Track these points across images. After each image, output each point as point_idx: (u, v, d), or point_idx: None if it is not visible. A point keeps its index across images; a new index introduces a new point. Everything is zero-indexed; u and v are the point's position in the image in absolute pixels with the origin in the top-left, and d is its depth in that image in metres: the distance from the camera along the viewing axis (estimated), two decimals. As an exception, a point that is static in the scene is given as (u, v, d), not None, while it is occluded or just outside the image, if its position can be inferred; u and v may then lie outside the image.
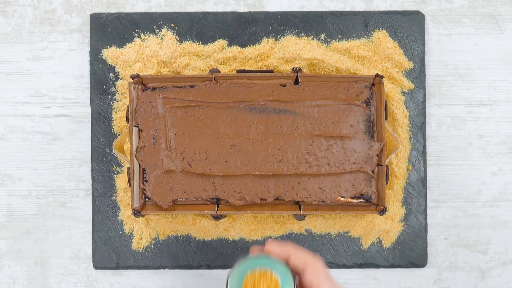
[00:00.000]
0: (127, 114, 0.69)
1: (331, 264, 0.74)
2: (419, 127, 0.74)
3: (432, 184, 0.76)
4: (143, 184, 0.69)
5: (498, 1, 0.76)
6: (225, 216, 0.74)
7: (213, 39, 0.75)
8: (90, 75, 0.75)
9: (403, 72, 0.74)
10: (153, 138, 0.69)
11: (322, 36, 0.75)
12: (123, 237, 0.75)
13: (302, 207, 0.69)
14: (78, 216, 0.76)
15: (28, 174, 0.76)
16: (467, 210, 0.75)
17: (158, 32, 0.75)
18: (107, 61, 0.75)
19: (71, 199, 0.76)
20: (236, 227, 0.74)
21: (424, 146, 0.74)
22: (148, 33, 0.75)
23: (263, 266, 0.53)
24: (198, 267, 0.75)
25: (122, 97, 0.75)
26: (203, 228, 0.74)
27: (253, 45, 0.75)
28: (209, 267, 0.75)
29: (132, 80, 0.69)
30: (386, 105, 0.70)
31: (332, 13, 0.75)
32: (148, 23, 0.75)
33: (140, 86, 0.69)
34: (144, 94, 0.69)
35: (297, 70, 0.70)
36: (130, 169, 0.69)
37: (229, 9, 0.76)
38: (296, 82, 0.70)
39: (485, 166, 0.76)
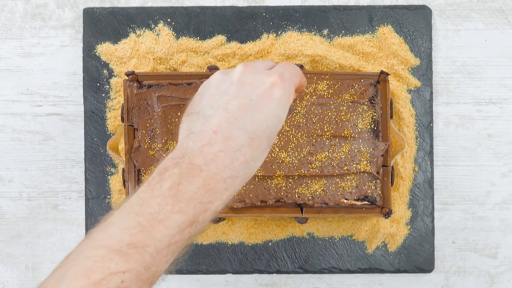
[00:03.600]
0: (122, 112, 0.69)
1: (335, 269, 0.74)
2: (425, 126, 0.74)
3: (440, 186, 0.75)
4: (139, 186, 0.67)
5: (508, -5, 0.76)
6: (224, 219, 0.73)
7: (211, 34, 0.74)
8: (83, 72, 0.75)
9: (409, 69, 0.74)
10: (149, 138, 0.69)
11: (325, 32, 0.74)
12: (117, 241, 0.73)
13: (304, 210, 0.69)
14: (71, 219, 0.75)
15: (18, 175, 0.75)
16: (475, 212, 0.75)
17: (154, 27, 0.75)
18: (101, 57, 0.74)
19: (64, 201, 0.75)
20: (235, 231, 0.74)
21: (431, 146, 0.74)
22: (143, 29, 0.75)
23: None
24: (196, 272, 0.74)
25: (117, 95, 0.74)
26: None
27: (253, 41, 0.74)
28: (207, 272, 0.74)
29: (127, 78, 0.68)
30: (391, 103, 0.69)
31: (335, 7, 0.75)
32: (143, 18, 0.74)
33: (135, 84, 0.69)
34: (140, 92, 0.69)
35: (298, 67, 0.68)
36: (125, 170, 0.68)
37: (227, 3, 0.76)
38: None
39: (495, 167, 0.75)
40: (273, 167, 0.68)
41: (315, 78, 0.69)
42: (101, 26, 0.74)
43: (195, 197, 0.41)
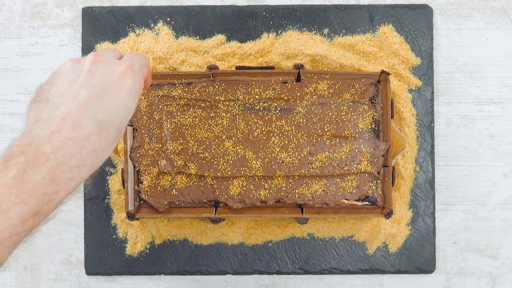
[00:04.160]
0: None
1: (335, 270, 0.73)
2: (426, 126, 0.73)
3: (441, 186, 0.75)
4: (138, 186, 0.68)
5: (510, -6, 0.76)
6: (224, 219, 0.73)
7: (211, 34, 0.74)
8: None
9: (410, 68, 0.74)
10: (148, 138, 0.68)
11: (325, 31, 0.74)
12: (116, 241, 0.73)
13: (304, 210, 0.68)
14: (70, 219, 0.75)
15: (17, 175, 0.74)
16: (477, 213, 0.74)
17: (154, 26, 0.74)
18: None
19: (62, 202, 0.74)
20: (235, 231, 0.73)
21: (432, 146, 0.73)
22: (143, 28, 0.74)
23: None
24: (195, 273, 0.74)
25: None
26: (201, 232, 0.74)
27: (253, 40, 0.74)
28: (206, 272, 0.74)
29: None
30: (392, 103, 0.69)
31: (335, 6, 0.74)
32: (143, 17, 0.74)
33: None
34: None
35: (299, 67, 0.69)
36: (124, 170, 0.68)
37: (227, 2, 0.76)
38: (298, 79, 0.69)
39: (496, 167, 0.75)
40: (273, 167, 0.67)
41: (315, 77, 0.68)
42: (100, 26, 0.73)
43: (39, 187, 0.41)
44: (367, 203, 0.68)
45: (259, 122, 0.68)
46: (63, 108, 0.43)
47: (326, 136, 0.67)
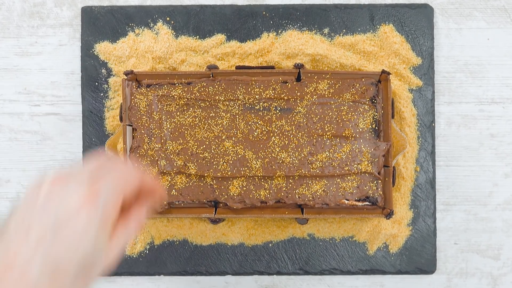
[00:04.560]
0: (120, 112, 0.68)
1: (335, 271, 0.73)
2: (427, 126, 0.73)
3: (441, 186, 0.74)
4: None
5: (511, -7, 0.75)
6: (224, 219, 0.73)
7: (211, 33, 0.74)
8: (81, 72, 0.74)
9: (411, 68, 0.74)
10: (148, 138, 0.68)
11: (326, 31, 0.74)
12: (116, 242, 0.72)
13: (304, 210, 0.68)
14: None
15: (16, 175, 0.75)
16: (478, 213, 0.74)
17: (153, 26, 0.74)
18: (99, 56, 0.74)
19: (62, 202, 0.74)
20: (235, 231, 0.73)
21: (433, 146, 0.73)
22: (142, 27, 0.74)
23: None
24: (195, 273, 0.74)
25: (115, 95, 0.74)
26: (200, 232, 0.73)
27: (253, 40, 0.74)
28: (206, 273, 0.74)
29: (126, 77, 0.68)
30: (393, 103, 0.69)
31: (336, 6, 0.74)
32: (142, 16, 0.74)
33: (134, 83, 0.68)
34: (138, 92, 0.68)
35: (299, 66, 0.68)
36: None
37: (227, 2, 0.75)
38: (298, 78, 0.69)
39: (497, 167, 0.74)
40: (273, 167, 0.67)
41: (315, 77, 0.68)
42: (99, 25, 0.73)
43: None
44: (367, 203, 0.68)
45: (259, 122, 0.68)
46: (12, 250, 0.39)
47: (326, 136, 0.67)
